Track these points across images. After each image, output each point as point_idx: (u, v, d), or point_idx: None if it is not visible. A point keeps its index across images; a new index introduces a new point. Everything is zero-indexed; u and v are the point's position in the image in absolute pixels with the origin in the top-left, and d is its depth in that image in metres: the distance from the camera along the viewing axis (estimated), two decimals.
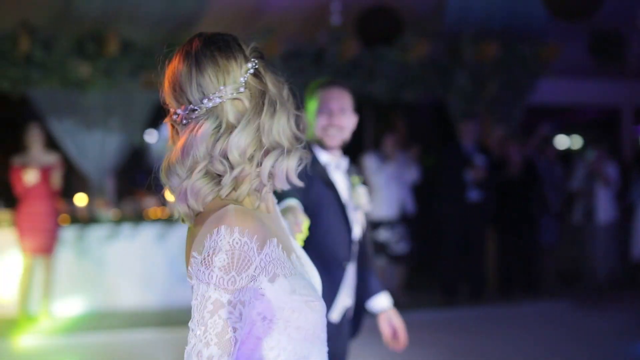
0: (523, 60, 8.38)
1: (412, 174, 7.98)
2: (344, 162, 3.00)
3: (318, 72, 7.73)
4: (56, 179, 7.14)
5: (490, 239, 8.53)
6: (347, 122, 2.95)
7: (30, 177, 6.94)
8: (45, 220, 7.07)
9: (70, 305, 7.55)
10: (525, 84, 8.60)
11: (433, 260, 8.71)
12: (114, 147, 8.17)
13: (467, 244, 8.07)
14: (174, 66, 1.59)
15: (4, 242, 7.37)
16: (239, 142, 1.53)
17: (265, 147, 1.56)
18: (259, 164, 1.56)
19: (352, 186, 2.98)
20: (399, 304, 7.55)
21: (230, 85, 1.56)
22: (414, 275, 8.67)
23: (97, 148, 8.10)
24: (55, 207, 7.24)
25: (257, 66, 1.61)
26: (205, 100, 1.55)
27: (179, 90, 1.58)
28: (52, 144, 7.63)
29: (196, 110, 1.56)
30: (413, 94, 8.26)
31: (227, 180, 1.54)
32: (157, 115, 7.71)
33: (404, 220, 7.92)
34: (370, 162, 7.87)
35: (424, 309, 7.75)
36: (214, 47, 1.59)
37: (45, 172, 7.09)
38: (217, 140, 1.53)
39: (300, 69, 7.72)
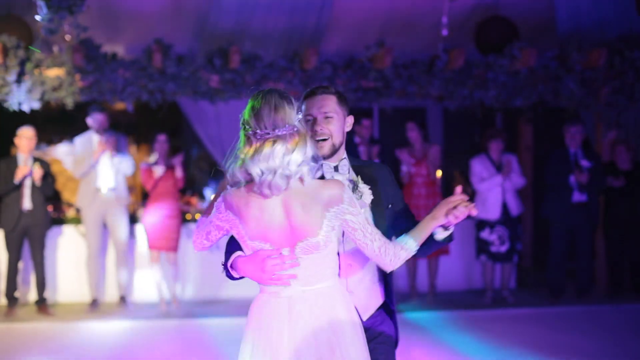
0: (635, 65, 8.47)
1: (517, 178, 8.26)
2: (342, 164, 3.01)
3: (429, 81, 8.20)
4: (179, 176, 8.07)
5: (599, 240, 8.72)
6: (332, 128, 2.97)
7: (158, 171, 7.95)
8: (169, 217, 7.95)
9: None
10: (638, 89, 8.66)
11: (541, 260, 9.00)
12: None
13: (573, 244, 8.32)
14: (258, 103, 2.64)
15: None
16: (297, 158, 2.59)
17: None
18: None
19: (354, 186, 2.98)
20: (505, 302, 8.00)
21: (289, 124, 2.61)
22: (522, 274, 9.04)
23: None
24: (178, 206, 8.15)
25: (300, 114, 2.71)
26: (276, 130, 2.59)
27: (259, 119, 2.61)
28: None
29: (269, 134, 2.59)
30: (524, 100, 8.52)
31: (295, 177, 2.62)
32: None
33: (509, 221, 8.22)
34: (476, 166, 8.26)
35: (529, 306, 8.07)
36: (286, 99, 2.66)
37: (170, 170, 8.02)
38: (285, 155, 2.58)
39: (411, 78, 8.18)
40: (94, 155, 8.00)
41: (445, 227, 2.84)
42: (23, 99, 7.91)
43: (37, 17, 7.20)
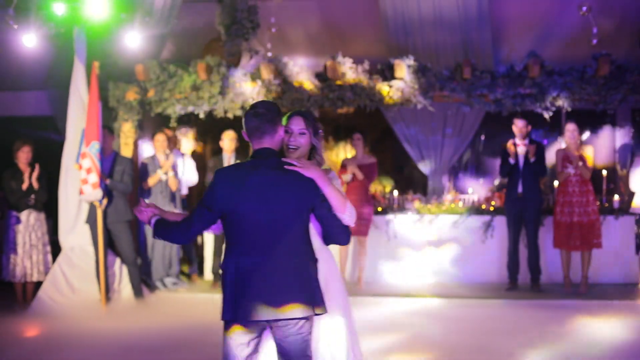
0: None
1: None
2: None
3: (582, 88, 8.92)
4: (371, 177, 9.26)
5: None
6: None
7: (347, 177, 9.09)
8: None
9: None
10: None
11: None
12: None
13: None
14: (296, 117, 3.85)
15: None
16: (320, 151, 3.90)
17: None
18: None
19: None
20: None
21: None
22: None
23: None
24: (369, 198, 9.36)
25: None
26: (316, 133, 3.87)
27: (306, 126, 3.82)
28: None
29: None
30: None
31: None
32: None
33: None
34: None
35: None
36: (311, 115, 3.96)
37: (364, 169, 9.17)
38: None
39: (565, 84, 8.94)
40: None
41: None
42: (227, 108, 9.49)
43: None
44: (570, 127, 8.92)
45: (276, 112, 3.67)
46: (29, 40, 8.44)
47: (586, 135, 12.14)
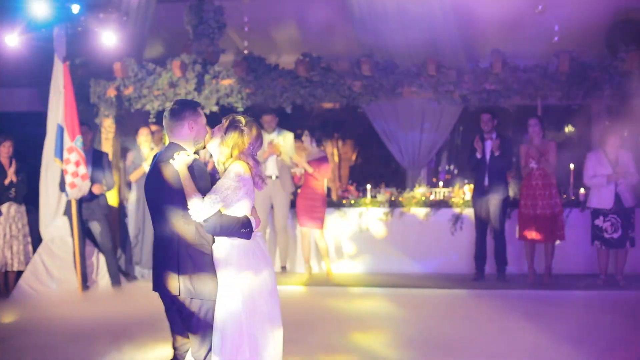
0: None
1: (632, 177, 8.93)
2: None
3: (545, 84, 9.22)
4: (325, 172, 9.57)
5: None
6: None
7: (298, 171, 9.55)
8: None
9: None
10: None
11: None
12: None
13: None
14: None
15: None
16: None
17: None
18: None
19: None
20: (618, 285, 8.70)
21: None
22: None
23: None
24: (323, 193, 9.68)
25: None
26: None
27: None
28: None
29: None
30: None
31: None
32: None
33: (622, 210, 8.93)
34: (590, 161, 9.06)
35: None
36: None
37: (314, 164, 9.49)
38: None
39: (529, 80, 9.25)
40: (264, 155, 9.57)
41: None
42: (203, 104, 9.82)
43: None
44: (531, 122, 9.19)
45: (181, 109, 4.11)
46: (11, 40, 8.81)
47: (570, 130, 12.45)
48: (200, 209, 3.89)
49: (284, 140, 9.68)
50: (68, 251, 8.92)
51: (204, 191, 3.95)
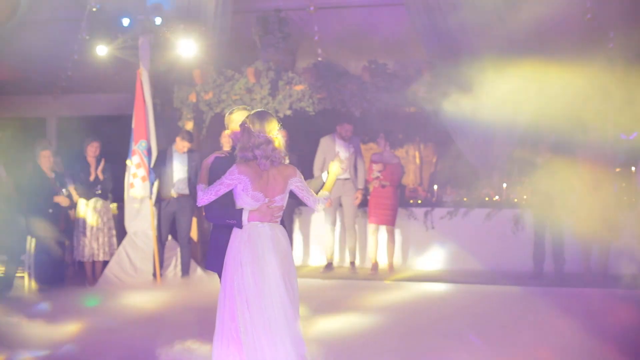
0: None
1: None
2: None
3: None
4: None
5: None
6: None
7: (375, 173, 9.78)
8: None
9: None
10: None
11: None
12: None
13: None
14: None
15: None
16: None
17: None
18: None
19: None
20: None
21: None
22: None
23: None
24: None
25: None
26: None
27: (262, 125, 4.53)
28: None
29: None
30: None
31: None
32: None
33: None
34: None
35: None
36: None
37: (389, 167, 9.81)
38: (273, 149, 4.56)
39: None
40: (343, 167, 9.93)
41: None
42: (277, 108, 10.36)
43: None
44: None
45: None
46: (100, 50, 9.70)
47: None
48: (199, 197, 4.49)
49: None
50: (149, 244, 9.68)
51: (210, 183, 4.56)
